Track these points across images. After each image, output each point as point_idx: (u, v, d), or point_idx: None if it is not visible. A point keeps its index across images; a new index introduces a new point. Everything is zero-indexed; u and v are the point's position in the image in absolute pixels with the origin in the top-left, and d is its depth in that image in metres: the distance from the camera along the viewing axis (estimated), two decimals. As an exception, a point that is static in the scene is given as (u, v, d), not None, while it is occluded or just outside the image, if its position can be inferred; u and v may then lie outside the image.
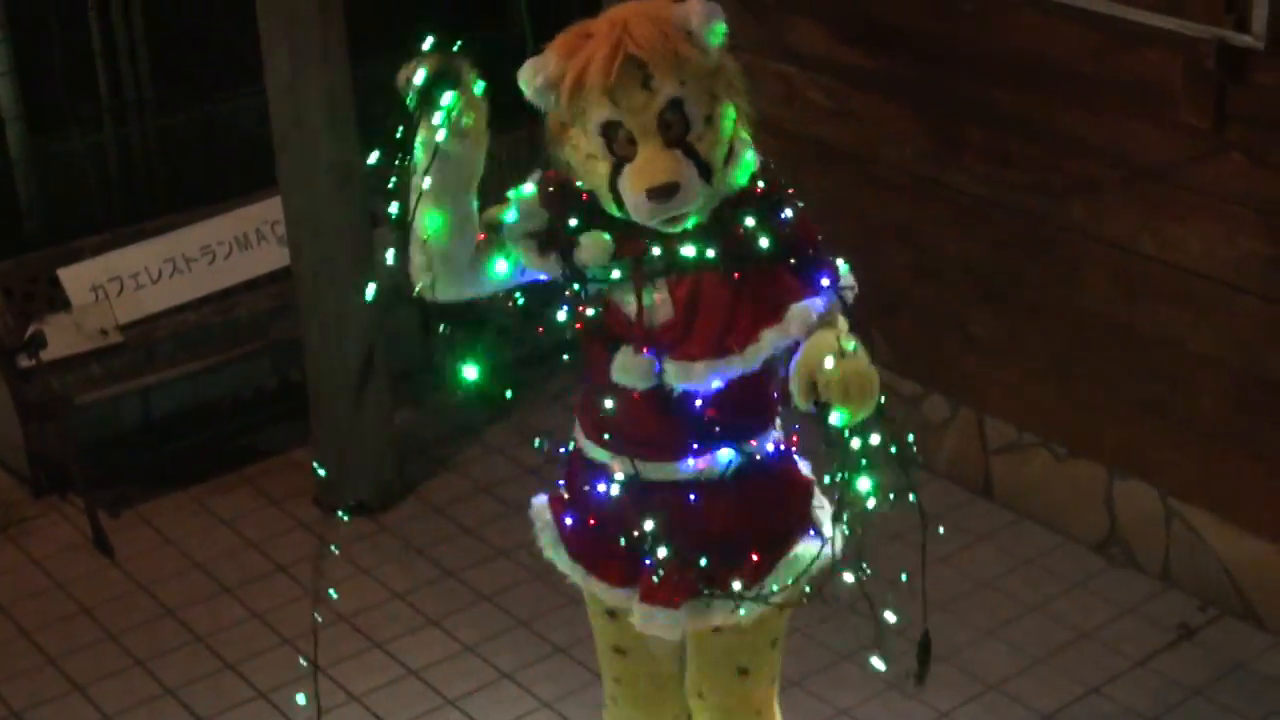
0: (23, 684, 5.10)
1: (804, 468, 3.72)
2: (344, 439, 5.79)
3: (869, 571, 3.65)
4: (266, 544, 5.72)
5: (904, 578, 3.90)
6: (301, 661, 4.63)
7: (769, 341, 3.47)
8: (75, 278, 5.84)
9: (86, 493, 5.79)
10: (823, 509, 3.75)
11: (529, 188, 3.59)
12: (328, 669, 5.12)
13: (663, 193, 3.35)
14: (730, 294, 3.48)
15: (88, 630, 5.34)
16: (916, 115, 5.65)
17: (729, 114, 3.45)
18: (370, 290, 3.62)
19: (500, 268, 3.58)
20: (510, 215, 3.56)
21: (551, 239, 3.54)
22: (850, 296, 3.54)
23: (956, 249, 5.65)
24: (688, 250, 3.46)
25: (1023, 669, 5.03)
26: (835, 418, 3.24)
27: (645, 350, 3.49)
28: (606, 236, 3.48)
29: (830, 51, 5.76)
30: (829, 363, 3.24)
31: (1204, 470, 5.19)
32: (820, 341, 3.33)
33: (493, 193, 3.71)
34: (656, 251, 3.46)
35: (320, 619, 4.87)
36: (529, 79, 3.40)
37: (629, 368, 3.49)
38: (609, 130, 3.36)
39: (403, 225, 3.51)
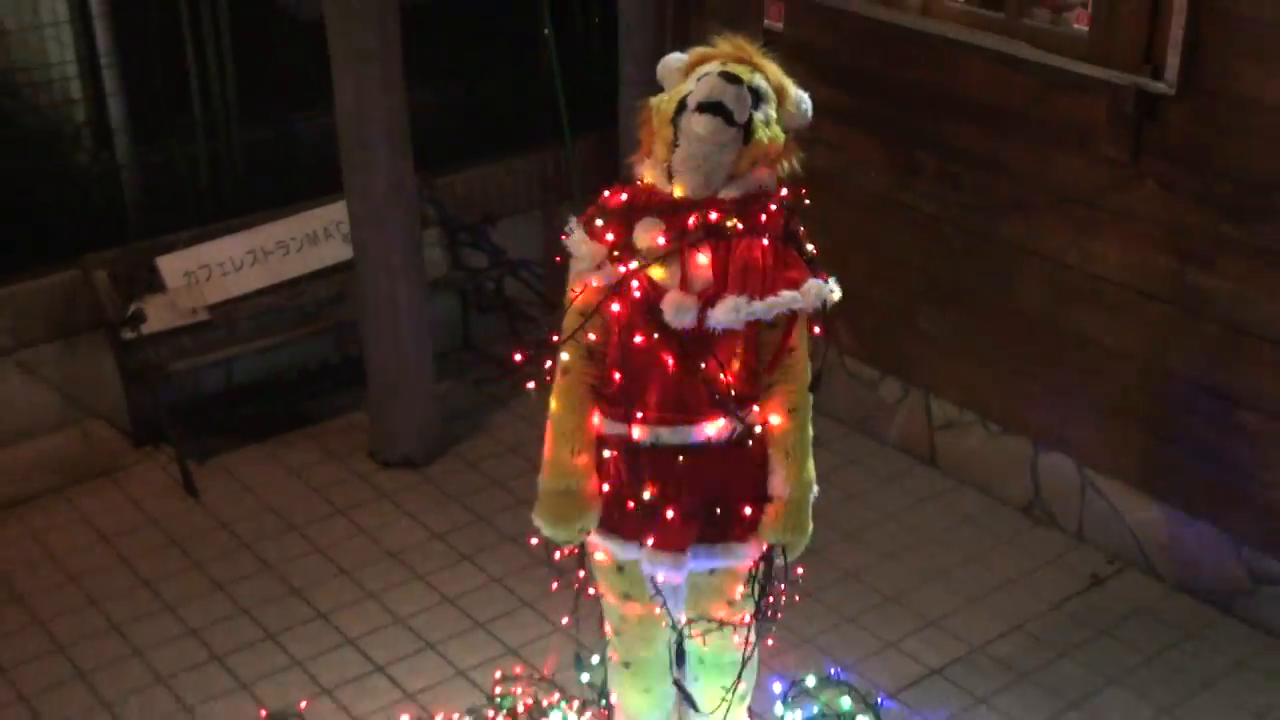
0: (122, 603, 5.11)
1: None
2: (395, 405, 5.76)
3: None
4: (327, 490, 5.71)
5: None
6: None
7: (786, 300, 3.51)
8: (171, 265, 5.81)
9: (177, 445, 5.78)
10: None
11: (576, 234, 3.63)
12: (379, 595, 5.13)
13: (730, 78, 3.43)
14: (754, 259, 3.51)
15: (176, 559, 5.34)
16: (879, 145, 5.64)
17: (773, 146, 3.57)
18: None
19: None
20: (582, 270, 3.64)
21: (612, 256, 3.57)
22: (831, 303, 3.61)
23: (911, 257, 5.65)
24: (723, 219, 3.51)
25: (958, 608, 5.04)
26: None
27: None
28: (659, 221, 3.52)
29: (809, 90, 5.70)
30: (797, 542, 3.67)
31: (1115, 446, 5.20)
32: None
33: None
34: (694, 221, 3.50)
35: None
36: (669, 62, 3.60)
37: (679, 307, 3.49)
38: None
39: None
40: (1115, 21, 4.70)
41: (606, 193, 3.64)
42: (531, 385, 3.73)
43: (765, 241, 3.53)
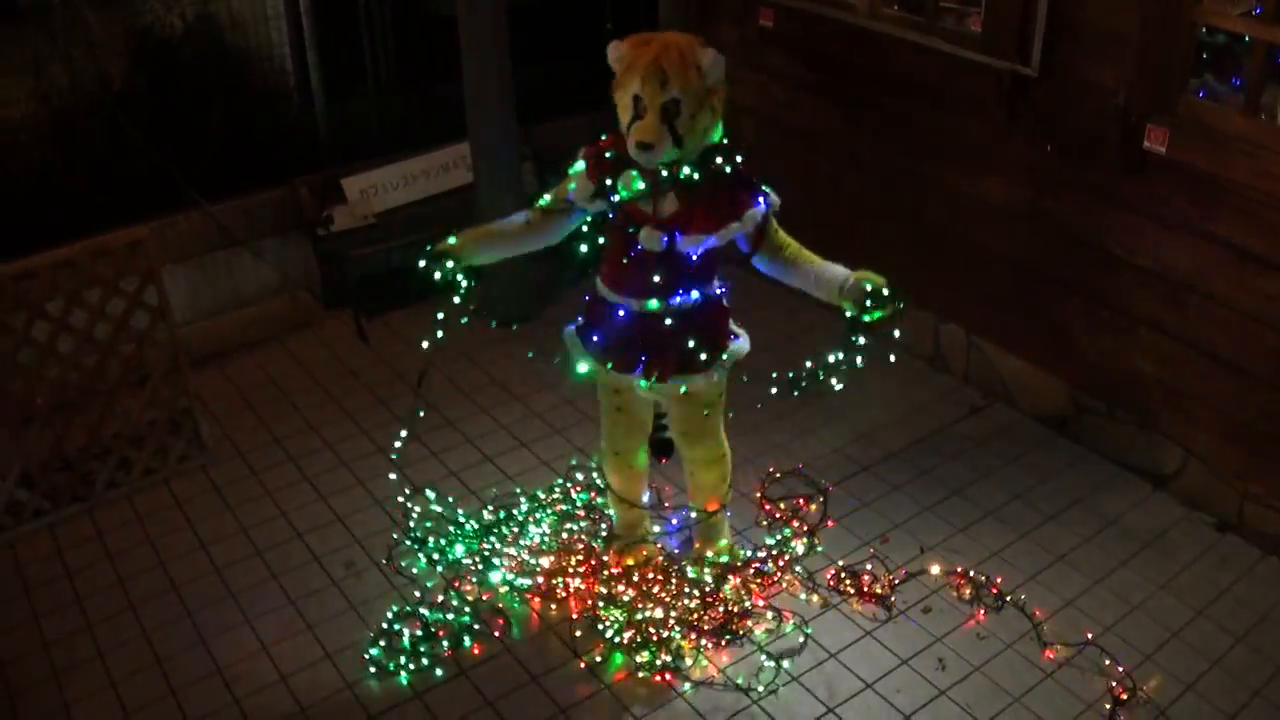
0: (317, 411, 5.22)
1: (725, 301, 3.74)
2: (500, 282, 5.74)
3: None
4: (454, 339, 5.39)
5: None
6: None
7: (733, 230, 3.50)
8: (351, 185, 5.86)
9: (353, 307, 5.87)
10: (735, 325, 3.79)
11: (580, 165, 3.53)
12: (488, 409, 5.18)
13: (643, 146, 3.36)
14: (710, 201, 3.49)
15: (353, 382, 5.43)
16: (837, 108, 5.58)
17: (708, 114, 3.39)
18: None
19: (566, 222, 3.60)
20: (572, 190, 3.55)
21: (600, 191, 3.51)
22: (776, 206, 3.55)
23: (857, 187, 5.61)
24: (685, 172, 3.46)
25: (882, 425, 5.09)
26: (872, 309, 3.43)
27: (658, 228, 3.49)
28: (634, 173, 3.48)
29: (789, 67, 5.71)
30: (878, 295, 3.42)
31: (991, 319, 5.23)
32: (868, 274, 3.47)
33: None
34: (665, 174, 3.46)
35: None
36: (612, 53, 3.41)
37: (650, 238, 3.50)
38: (636, 100, 3.37)
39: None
40: (999, 25, 4.70)
41: (603, 137, 3.57)
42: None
43: (716, 184, 3.46)
